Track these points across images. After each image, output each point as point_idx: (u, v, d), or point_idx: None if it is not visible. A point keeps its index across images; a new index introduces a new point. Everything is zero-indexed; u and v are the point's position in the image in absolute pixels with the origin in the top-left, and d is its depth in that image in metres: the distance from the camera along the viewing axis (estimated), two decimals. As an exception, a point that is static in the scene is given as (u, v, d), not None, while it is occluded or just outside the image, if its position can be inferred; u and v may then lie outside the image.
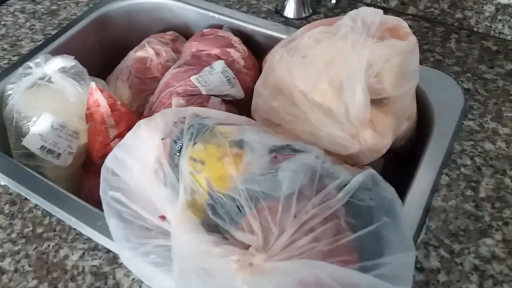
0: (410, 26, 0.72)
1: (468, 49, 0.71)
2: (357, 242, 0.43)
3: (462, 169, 0.56)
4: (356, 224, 0.44)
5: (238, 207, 0.46)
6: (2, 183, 0.58)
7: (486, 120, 0.61)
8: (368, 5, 0.81)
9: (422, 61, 0.69)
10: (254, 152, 0.49)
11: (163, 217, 0.49)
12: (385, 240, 0.43)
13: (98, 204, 0.59)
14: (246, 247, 0.44)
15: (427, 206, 0.53)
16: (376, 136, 0.52)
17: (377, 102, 0.54)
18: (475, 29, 0.74)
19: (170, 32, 0.87)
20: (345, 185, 0.46)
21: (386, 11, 0.79)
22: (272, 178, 0.46)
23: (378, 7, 0.79)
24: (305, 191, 0.45)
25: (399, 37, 0.56)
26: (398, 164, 0.65)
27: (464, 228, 0.50)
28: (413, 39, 0.55)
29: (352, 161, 0.53)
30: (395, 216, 0.45)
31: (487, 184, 0.54)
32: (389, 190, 0.47)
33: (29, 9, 0.87)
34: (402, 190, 0.55)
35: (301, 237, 0.42)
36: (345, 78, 0.51)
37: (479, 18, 0.72)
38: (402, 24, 0.56)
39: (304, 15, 0.80)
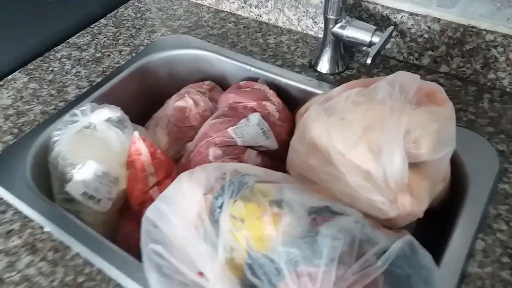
0: (442, 85, 0.75)
1: (501, 109, 0.72)
2: (396, 312, 0.43)
3: (498, 234, 0.56)
4: (395, 292, 0.44)
5: (277, 269, 0.47)
6: (47, 230, 0.60)
7: (522, 184, 0.61)
8: (401, 61, 0.83)
9: (455, 121, 0.70)
10: (293, 213, 0.50)
11: (201, 274, 0.51)
12: (424, 310, 0.43)
13: (133, 249, 0.60)
14: (285, 310, 0.45)
15: (463, 272, 0.52)
16: (414, 202, 0.52)
17: (413, 165, 0.55)
18: (508, 90, 0.75)
19: (207, 82, 0.90)
20: (384, 251, 0.46)
21: (419, 68, 0.81)
22: (312, 242, 0.47)
23: (411, 64, 0.82)
24: (345, 257, 0.45)
25: (435, 102, 0.57)
26: (431, 225, 0.65)
27: (503, 298, 0.50)
28: (450, 106, 0.56)
29: (388, 223, 0.54)
30: (433, 286, 0.45)
31: (524, 252, 0.54)
32: (427, 258, 0.47)
33: (75, 56, 0.93)
34: (436, 253, 0.55)
35: (341, 304, 0.43)
36: (383, 143, 0.53)
37: (512, 79, 0.74)
38: (438, 89, 0.58)
39: (337, 70, 0.82)
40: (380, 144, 0.53)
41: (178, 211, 0.55)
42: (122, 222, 0.74)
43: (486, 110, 0.72)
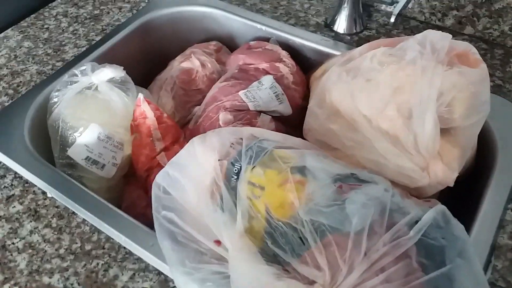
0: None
1: (529, 74, 0.68)
2: (429, 284, 0.40)
3: (529, 205, 0.53)
4: (428, 264, 0.41)
5: (301, 238, 0.44)
6: (50, 195, 0.57)
7: (552, 153, 0.58)
8: (422, 22, 0.79)
9: (481, 86, 0.66)
10: (317, 181, 0.47)
11: (218, 242, 0.48)
12: (459, 283, 0.41)
13: (139, 217, 0.57)
14: (310, 282, 0.42)
15: (493, 244, 0.50)
16: (446, 170, 0.49)
17: (444, 132, 0.51)
18: (536, 53, 0.71)
19: (214, 42, 0.85)
20: (416, 221, 0.43)
21: (441, 30, 0.76)
22: (339, 210, 0.44)
23: (433, 25, 0.77)
24: (375, 227, 0.42)
25: (468, 63, 0.53)
26: (454, 195, 0.62)
27: (535, 270, 0.48)
28: (484, 67, 0.52)
29: (416, 192, 0.51)
30: (468, 258, 0.42)
31: (557, 223, 0.51)
32: (460, 229, 0.44)
33: (71, 13, 0.87)
34: (463, 225, 0.52)
35: (371, 277, 0.40)
36: (414, 106, 0.49)
37: (542, 42, 0.69)
38: (471, 50, 0.54)
39: (355, 30, 0.77)
40: (411, 107, 0.49)
41: (191, 177, 0.51)
42: (127, 189, 0.70)
43: (514, 75, 0.68)
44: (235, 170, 0.49)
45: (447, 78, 0.49)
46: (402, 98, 0.50)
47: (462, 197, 0.60)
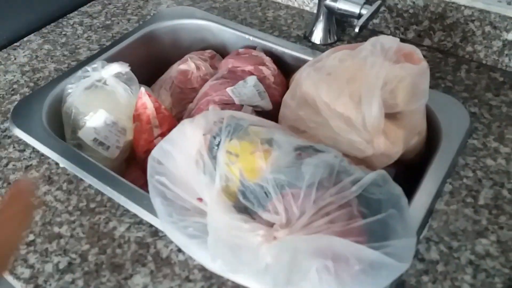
0: (424, 56, 0.81)
1: (476, 78, 0.79)
2: (366, 227, 0.50)
3: (465, 180, 0.63)
4: (367, 212, 0.51)
5: (265, 193, 0.54)
6: (62, 165, 0.67)
7: (489, 140, 0.68)
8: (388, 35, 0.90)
9: (433, 87, 0.77)
10: (281, 149, 0.57)
11: (200, 199, 0.58)
12: (391, 228, 0.50)
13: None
14: (271, 225, 0.51)
15: (431, 208, 0.60)
16: (388, 143, 0.59)
17: (391, 116, 0.62)
18: (484, 62, 0.82)
19: (208, 50, 0.97)
20: (359, 180, 0.53)
21: (404, 42, 0.87)
22: (296, 170, 0.54)
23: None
24: (324, 182, 0.52)
25: (412, 62, 0.64)
26: (408, 176, 0.72)
27: (463, 229, 0.57)
28: (424, 64, 0.63)
29: (366, 165, 0.61)
30: (401, 209, 0.52)
31: (486, 194, 0.61)
32: (398, 189, 0.54)
33: (86, 22, 0.99)
34: (409, 195, 0.62)
35: (318, 219, 0.49)
36: (363, 93, 0.60)
37: (488, 51, 0.81)
38: (416, 51, 0.65)
39: (329, 41, 0.89)
40: (361, 94, 0.60)
41: (181, 149, 0.62)
42: (128, 170, 0.81)
43: (463, 79, 0.79)
44: (216, 142, 0.60)
45: (391, 71, 0.60)
46: (354, 87, 0.61)
47: (414, 178, 0.70)
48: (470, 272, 0.53)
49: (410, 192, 0.62)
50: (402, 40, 0.88)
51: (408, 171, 0.73)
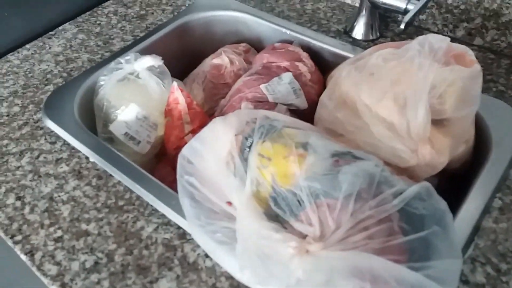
0: (475, 56, 0.76)
1: (532, 83, 0.73)
2: (407, 245, 0.46)
3: (516, 195, 0.58)
4: (408, 229, 0.47)
5: (298, 201, 0.51)
6: (92, 160, 0.66)
7: (545, 152, 0.62)
8: (435, 33, 0.84)
9: (484, 91, 0.71)
10: (317, 154, 0.54)
11: (230, 203, 0.55)
12: (434, 246, 0.46)
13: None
14: (304, 237, 0.48)
15: (477, 225, 0.55)
16: (434, 153, 0.55)
17: (437, 122, 0.57)
18: (541, 64, 0.75)
19: (243, 44, 0.94)
20: (401, 193, 0.49)
21: (453, 40, 0.81)
22: (333, 178, 0.50)
23: (445, 36, 0.83)
24: (363, 193, 0.49)
25: (464, 64, 0.59)
26: (452, 186, 0.67)
27: (513, 249, 0.52)
28: (477, 67, 0.58)
29: (408, 175, 0.56)
30: (445, 226, 0.48)
31: (539, 212, 0.56)
32: (442, 203, 0.50)
33: (121, 12, 0.98)
34: (454, 209, 0.57)
35: (355, 234, 0.46)
36: (409, 97, 0.55)
37: (547, 54, 0.74)
38: (468, 52, 0.60)
39: (371, 37, 0.84)
40: (406, 97, 0.56)
41: (211, 149, 0.59)
42: (158, 166, 0.79)
43: (517, 83, 0.73)
44: (248, 143, 0.57)
45: (440, 73, 0.56)
46: (398, 89, 0.56)
47: (458, 189, 0.65)
48: (520, 298, 0.48)
49: (454, 206, 0.58)
50: (450, 39, 0.82)
51: (451, 182, 0.68)
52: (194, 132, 0.76)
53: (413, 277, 0.42)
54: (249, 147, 0.57)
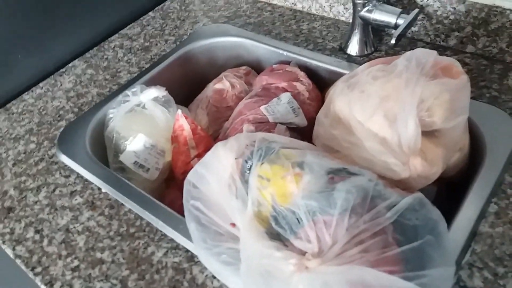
0: (468, 64, 0.78)
1: (526, 86, 0.74)
2: (402, 255, 0.48)
3: (511, 199, 0.59)
4: (402, 240, 0.49)
5: (297, 219, 0.53)
6: (104, 190, 0.70)
7: (540, 155, 0.64)
8: (428, 43, 0.87)
9: (477, 97, 0.73)
10: (313, 173, 0.56)
11: (233, 224, 0.58)
12: (428, 255, 0.48)
13: (177, 213, 0.69)
14: (303, 253, 0.51)
15: (474, 230, 0.56)
16: (425, 164, 0.57)
17: (429, 134, 0.59)
18: (534, 67, 0.77)
19: (244, 67, 0.98)
20: (394, 205, 0.51)
21: (446, 49, 0.85)
22: (328, 196, 0.53)
23: (438, 46, 0.86)
24: (358, 208, 0.51)
25: (451, 76, 0.61)
26: (451, 193, 0.69)
27: (510, 253, 0.54)
28: (464, 78, 0.60)
29: (403, 186, 0.58)
30: (438, 235, 0.49)
31: (536, 215, 0.57)
32: (435, 212, 0.52)
33: (126, 45, 1.03)
34: (451, 216, 0.59)
35: (351, 248, 0.48)
36: (398, 112, 0.58)
37: (538, 56, 0.75)
38: (454, 64, 0.62)
39: (366, 52, 0.87)
40: (396, 113, 0.58)
41: (214, 173, 0.62)
42: (167, 191, 0.83)
43: (510, 87, 0.74)
44: (248, 166, 0.60)
45: (427, 87, 0.58)
46: (388, 106, 0.59)
47: (457, 197, 0.67)
48: (519, 302, 0.50)
49: (452, 212, 0.60)
50: (443, 48, 0.85)
51: (451, 189, 0.69)
52: (199, 156, 0.79)
53: (406, 286, 0.44)
54: (249, 169, 0.60)
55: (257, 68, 0.98)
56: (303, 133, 0.81)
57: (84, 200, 0.70)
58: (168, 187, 0.83)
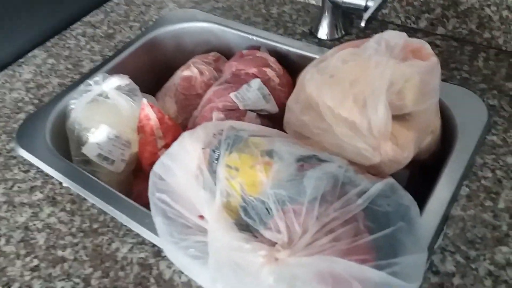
0: (438, 46, 0.77)
1: (495, 67, 0.74)
2: (373, 243, 0.47)
3: (483, 181, 0.59)
4: (374, 227, 0.48)
5: (267, 209, 0.51)
6: (65, 185, 0.67)
7: (510, 136, 0.63)
8: (399, 25, 0.86)
9: (448, 79, 0.72)
10: (282, 161, 0.54)
11: (201, 217, 0.56)
12: (400, 242, 0.47)
13: (146, 205, 0.66)
14: (273, 244, 0.49)
15: (446, 214, 0.56)
16: (396, 149, 0.56)
17: (400, 117, 0.58)
18: (504, 48, 0.76)
19: (212, 53, 0.95)
20: (365, 192, 0.50)
21: (416, 31, 0.83)
22: (298, 184, 0.51)
23: (408, 28, 0.84)
24: (328, 196, 0.49)
25: (421, 58, 0.60)
26: (424, 176, 0.68)
27: (481, 236, 0.53)
28: (433, 60, 0.59)
29: (375, 171, 0.57)
30: (410, 221, 0.48)
31: (506, 196, 0.57)
32: (407, 198, 0.51)
33: (89, 33, 0.98)
34: (423, 202, 0.58)
35: (322, 237, 0.47)
36: (368, 96, 0.56)
37: (507, 37, 0.75)
38: (424, 46, 0.61)
39: (336, 36, 0.85)
40: (365, 97, 0.56)
41: (181, 164, 0.60)
42: (135, 182, 0.80)
43: (481, 68, 0.74)
44: (216, 156, 0.58)
45: (397, 70, 0.56)
46: (357, 90, 0.57)
47: (429, 178, 0.66)
48: (489, 284, 0.49)
49: (425, 196, 0.59)
50: (414, 30, 0.84)
51: (424, 172, 0.69)
52: (167, 146, 0.76)
53: (377, 275, 0.43)
54: (217, 159, 0.58)
55: (226, 54, 0.95)
56: (275, 120, 0.79)
57: (45, 196, 0.66)
58: (135, 178, 0.80)
